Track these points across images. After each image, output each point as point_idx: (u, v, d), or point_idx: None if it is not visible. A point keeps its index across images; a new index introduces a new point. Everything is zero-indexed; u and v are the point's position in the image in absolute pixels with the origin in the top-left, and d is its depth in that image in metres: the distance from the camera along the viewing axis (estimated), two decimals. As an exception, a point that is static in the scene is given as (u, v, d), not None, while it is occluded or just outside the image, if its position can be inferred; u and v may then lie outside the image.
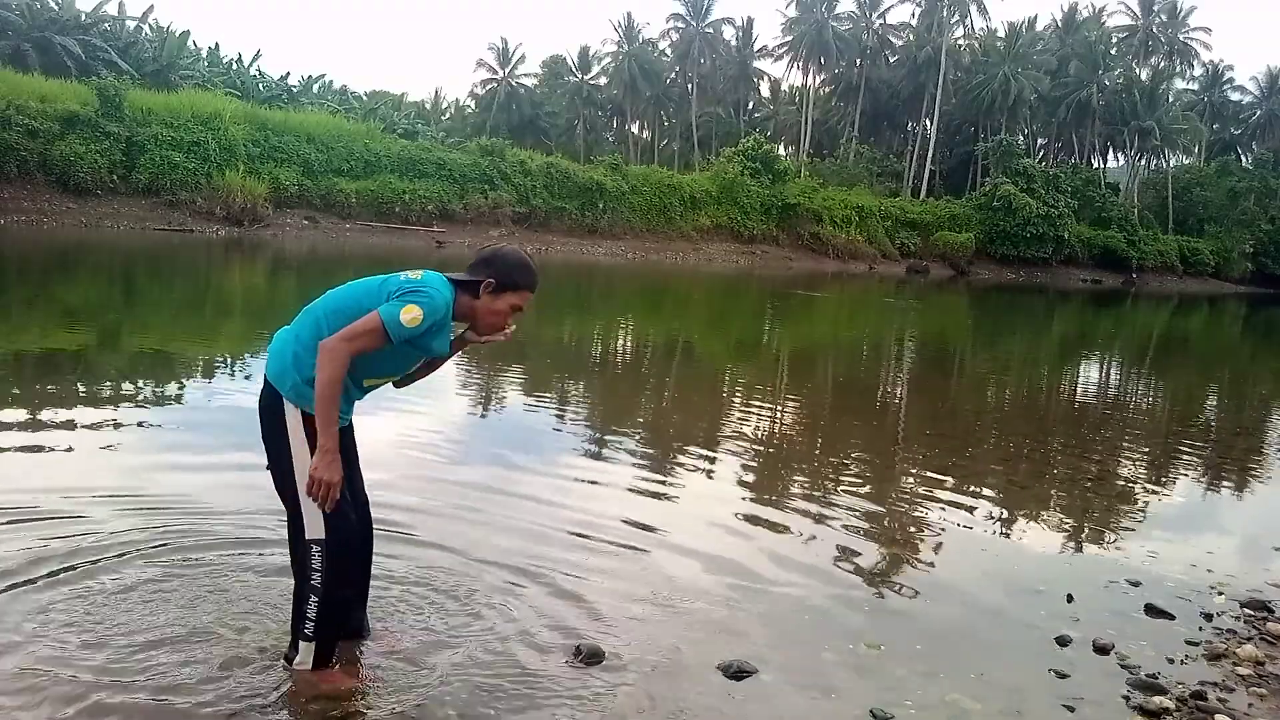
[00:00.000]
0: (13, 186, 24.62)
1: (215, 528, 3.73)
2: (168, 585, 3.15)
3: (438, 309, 2.52)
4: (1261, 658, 3.36)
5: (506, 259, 2.67)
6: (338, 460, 2.46)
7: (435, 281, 2.56)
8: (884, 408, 9.07)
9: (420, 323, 2.47)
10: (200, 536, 3.61)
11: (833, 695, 2.84)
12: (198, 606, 3.01)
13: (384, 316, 2.44)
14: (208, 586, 3.17)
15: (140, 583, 3.15)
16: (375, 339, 2.46)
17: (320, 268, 20.90)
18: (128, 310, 11.63)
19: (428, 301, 2.49)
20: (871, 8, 59.67)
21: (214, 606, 3.02)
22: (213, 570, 3.31)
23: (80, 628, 2.81)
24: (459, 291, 2.64)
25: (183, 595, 3.09)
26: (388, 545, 3.56)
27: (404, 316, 2.45)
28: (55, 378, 6.79)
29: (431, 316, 2.50)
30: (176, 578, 3.22)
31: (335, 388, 2.44)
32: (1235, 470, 7.05)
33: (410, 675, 2.73)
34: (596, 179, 36.89)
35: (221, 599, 3.08)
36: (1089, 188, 51.12)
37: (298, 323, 2.63)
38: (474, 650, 2.90)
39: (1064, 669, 3.14)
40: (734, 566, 3.86)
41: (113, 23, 36.82)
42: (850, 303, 24.56)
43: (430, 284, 2.53)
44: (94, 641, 2.74)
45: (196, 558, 3.41)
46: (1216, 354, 18.81)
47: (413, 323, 2.46)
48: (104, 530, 3.58)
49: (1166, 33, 62.14)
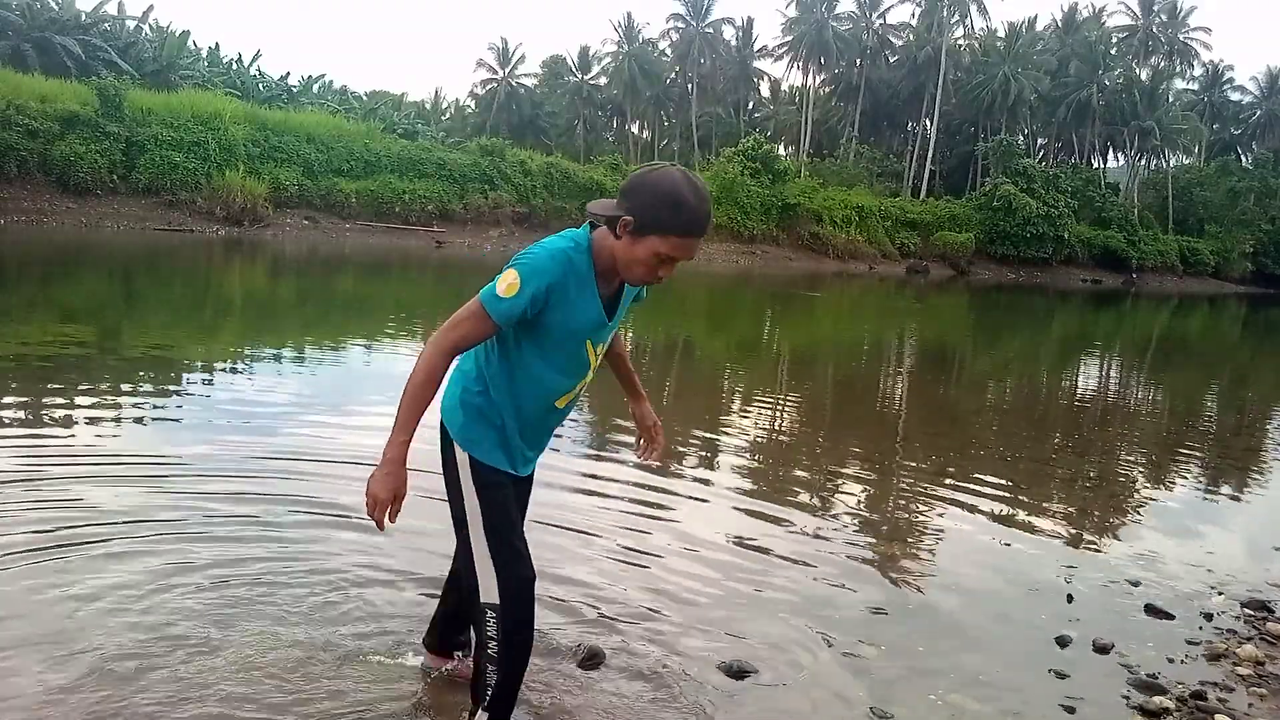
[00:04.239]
0: (13, 186, 24.62)
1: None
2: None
3: (541, 267, 2.00)
4: (1261, 657, 3.36)
5: (652, 187, 1.97)
6: (396, 475, 2.05)
7: (552, 240, 2.07)
8: (883, 407, 9.07)
9: (518, 290, 1.97)
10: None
11: (833, 695, 2.84)
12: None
13: (481, 294, 2.02)
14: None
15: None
16: (476, 323, 2.02)
17: (321, 267, 20.91)
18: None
19: (527, 262, 2.00)
20: (871, 8, 59.66)
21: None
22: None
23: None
24: (600, 234, 2.07)
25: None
26: (375, 538, 3.57)
27: (499, 287, 1.99)
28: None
29: (535, 279, 1.99)
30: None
31: (425, 387, 2.03)
32: (1235, 470, 7.04)
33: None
34: (596, 179, 36.90)
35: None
36: (1089, 188, 51.15)
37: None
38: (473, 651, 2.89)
39: (1064, 669, 3.14)
40: (733, 566, 3.86)
41: (113, 23, 36.80)
42: (851, 302, 24.57)
43: (543, 243, 2.06)
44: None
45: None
46: (1216, 354, 18.80)
47: (509, 291, 1.98)
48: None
49: (1166, 33, 62.14)
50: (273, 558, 3.45)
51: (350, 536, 3.72)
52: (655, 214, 1.95)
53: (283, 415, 5.96)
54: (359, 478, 4.65)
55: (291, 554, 3.51)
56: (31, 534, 3.50)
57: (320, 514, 3.99)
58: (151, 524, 3.70)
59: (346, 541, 3.68)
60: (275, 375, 7.65)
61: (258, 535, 3.69)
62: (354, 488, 4.31)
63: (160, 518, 3.79)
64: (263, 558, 3.45)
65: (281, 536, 3.69)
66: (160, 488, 4.22)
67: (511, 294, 1.98)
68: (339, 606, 3.11)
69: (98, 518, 3.72)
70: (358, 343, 10.17)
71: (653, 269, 2.01)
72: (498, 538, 2.17)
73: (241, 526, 3.77)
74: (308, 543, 3.65)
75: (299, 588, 3.21)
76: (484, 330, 2.02)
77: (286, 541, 3.64)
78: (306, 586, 3.23)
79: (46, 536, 3.48)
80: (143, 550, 3.42)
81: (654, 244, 1.96)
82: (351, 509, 3.95)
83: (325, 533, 3.77)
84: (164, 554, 3.40)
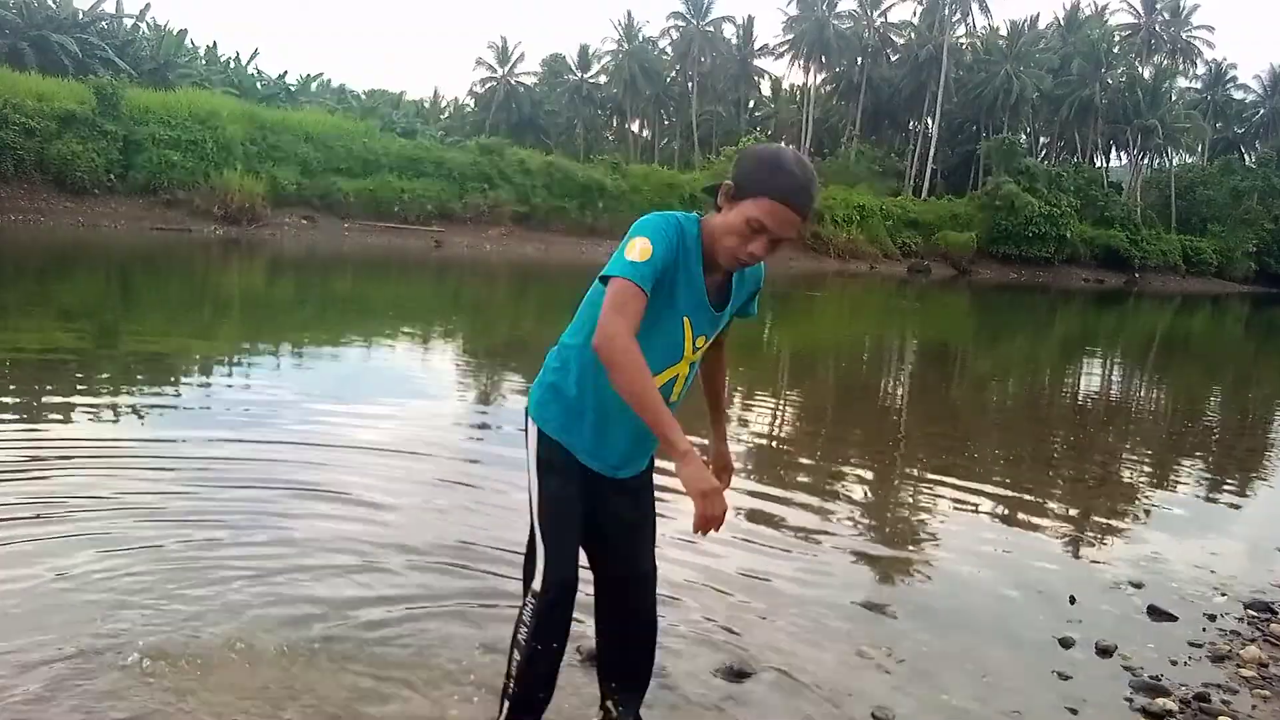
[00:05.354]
0: (10, 186, 24.64)
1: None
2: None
3: (664, 230, 1.92)
4: (1265, 659, 3.33)
5: (756, 153, 1.95)
6: (699, 473, 1.84)
7: (662, 212, 2.01)
8: (884, 407, 9.04)
9: (652, 251, 1.88)
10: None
11: (833, 695, 2.81)
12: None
13: (616, 270, 1.88)
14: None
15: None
16: (628, 297, 1.86)
17: (320, 267, 20.89)
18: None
19: (651, 227, 1.92)
20: (873, 6, 59.70)
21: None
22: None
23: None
24: (708, 218, 2.00)
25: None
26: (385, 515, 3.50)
27: (633, 253, 1.88)
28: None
29: (663, 240, 1.90)
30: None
31: (640, 373, 1.83)
32: (1238, 471, 7.01)
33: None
34: (596, 178, 36.91)
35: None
36: (1091, 187, 51.19)
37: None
38: (472, 650, 2.85)
39: (1067, 670, 3.11)
40: (733, 566, 3.83)
41: (110, 21, 36.87)
42: (852, 302, 24.56)
43: (655, 213, 2.00)
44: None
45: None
46: (1219, 354, 18.77)
47: (644, 255, 1.87)
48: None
49: (1169, 31, 62.19)
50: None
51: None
52: (753, 175, 1.90)
53: (284, 409, 5.92)
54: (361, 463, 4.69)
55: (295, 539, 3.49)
56: (30, 521, 3.49)
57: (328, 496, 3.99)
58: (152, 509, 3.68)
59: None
60: (274, 372, 7.63)
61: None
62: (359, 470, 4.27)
63: (169, 504, 3.78)
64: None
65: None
66: (166, 476, 4.19)
67: (647, 256, 1.87)
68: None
69: (95, 504, 3.74)
70: (357, 342, 10.13)
71: (745, 239, 1.91)
72: (550, 526, 2.07)
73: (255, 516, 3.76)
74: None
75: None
76: (640, 300, 1.87)
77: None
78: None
79: (45, 527, 3.46)
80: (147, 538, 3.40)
81: (747, 208, 1.89)
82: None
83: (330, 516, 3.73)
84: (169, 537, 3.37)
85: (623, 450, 2.13)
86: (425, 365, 9.09)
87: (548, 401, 2.09)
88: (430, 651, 2.82)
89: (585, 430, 2.08)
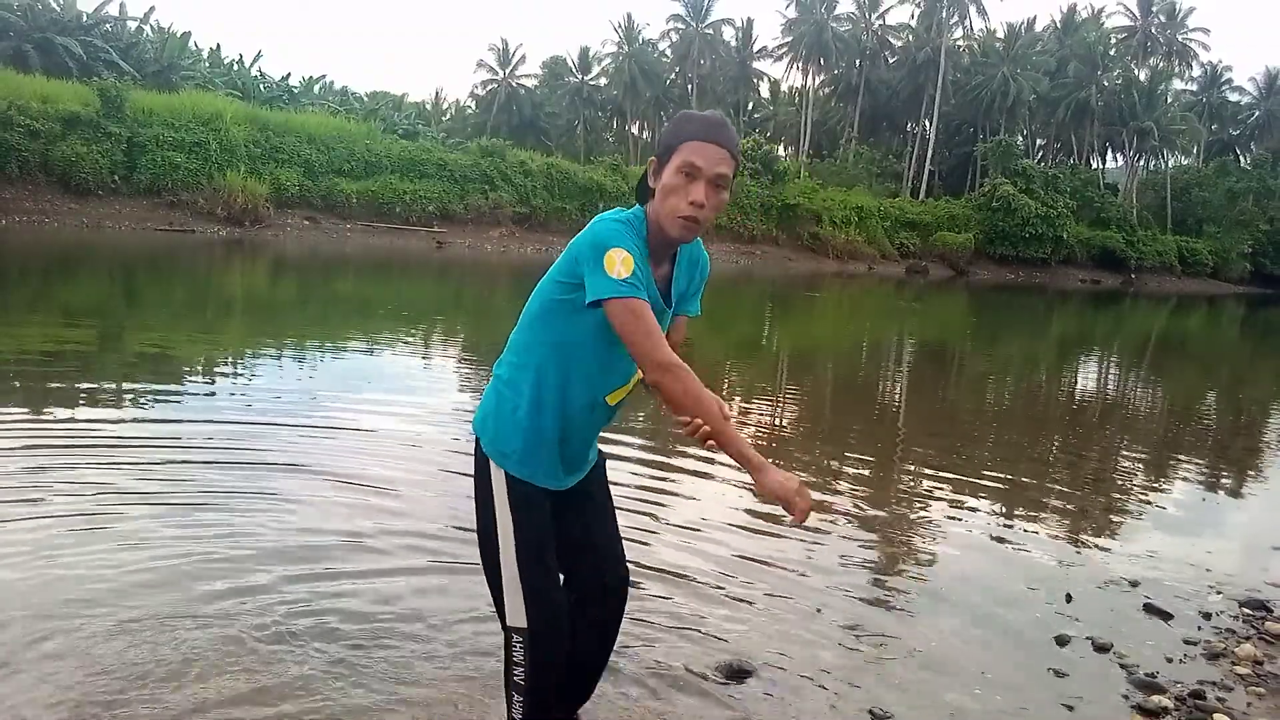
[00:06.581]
0: (14, 187, 24.66)
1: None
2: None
3: (623, 233, 1.89)
4: (1260, 657, 3.37)
5: (667, 124, 1.97)
6: (780, 476, 1.84)
7: (607, 214, 1.97)
8: (882, 406, 9.07)
9: (633, 260, 1.85)
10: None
11: (832, 695, 2.84)
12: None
13: (613, 293, 1.84)
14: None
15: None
16: (641, 318, 1.85)
17: (322, 268, 20.92)
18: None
19: (611, 235, 1.88)
20: (871, 9, 59.71)
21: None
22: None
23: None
24: (648, 207, 1.98)
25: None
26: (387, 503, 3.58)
27: (617, 271, 1.84)
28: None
29: (629, 244, 1.87)
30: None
31: (709, 409, 1.84)
32: (1233, 470, 7.05)
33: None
34: (597, 179, 36.92)
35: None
36: (1088, 188, 51.17)
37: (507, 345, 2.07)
38: (473, 651, 2.91)
39: (1063, 668, 3.15)
40: (732, 565, 3.87)
41: (114, 24, 36.84)
42: (850, 302, 24.57)
43: (602, 218, 1.95)
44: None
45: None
46: (1215, 354, 18.81)
47: (627, 266, 1.84)
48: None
49: (1165, 33, 62.19)
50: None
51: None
52: (669, 134, 1.94)
53: (287, 404, 5.98)
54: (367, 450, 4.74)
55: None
56: (43, 515, 3.55)
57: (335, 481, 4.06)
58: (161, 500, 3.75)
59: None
60: (274, 369, 7.67)
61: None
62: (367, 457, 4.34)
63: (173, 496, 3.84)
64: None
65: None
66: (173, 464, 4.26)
67: (631, 267, 1.84)
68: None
69: (91, 491, 3.80)
70: (356, 342, 10.18)
71: (683, 190, 1.90)
72: (529, 558, 2.03)
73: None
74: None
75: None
76: (651, 314, 1.86)
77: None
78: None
79: (57, 518, 3.52)
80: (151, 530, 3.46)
81: (675, 161, 1.90)
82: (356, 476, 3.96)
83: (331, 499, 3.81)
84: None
85: (576, 460, 2.14)
86: (425, 364, 9.15)
87: (505, 434, 2.03)
88: (432, 644, 2.89)
89: (544, 454, 2.04)
